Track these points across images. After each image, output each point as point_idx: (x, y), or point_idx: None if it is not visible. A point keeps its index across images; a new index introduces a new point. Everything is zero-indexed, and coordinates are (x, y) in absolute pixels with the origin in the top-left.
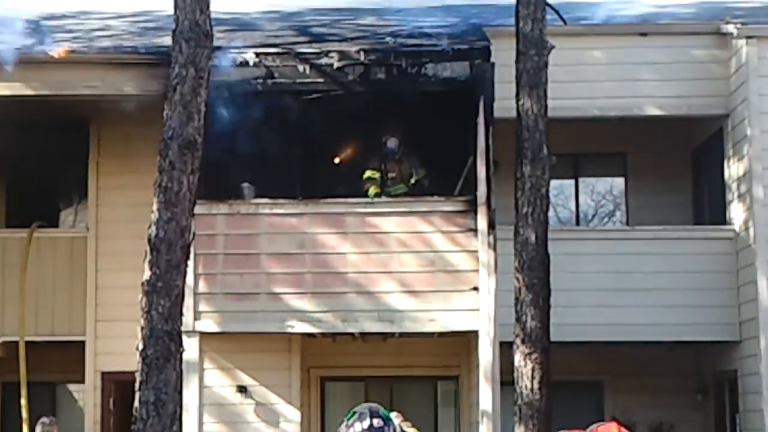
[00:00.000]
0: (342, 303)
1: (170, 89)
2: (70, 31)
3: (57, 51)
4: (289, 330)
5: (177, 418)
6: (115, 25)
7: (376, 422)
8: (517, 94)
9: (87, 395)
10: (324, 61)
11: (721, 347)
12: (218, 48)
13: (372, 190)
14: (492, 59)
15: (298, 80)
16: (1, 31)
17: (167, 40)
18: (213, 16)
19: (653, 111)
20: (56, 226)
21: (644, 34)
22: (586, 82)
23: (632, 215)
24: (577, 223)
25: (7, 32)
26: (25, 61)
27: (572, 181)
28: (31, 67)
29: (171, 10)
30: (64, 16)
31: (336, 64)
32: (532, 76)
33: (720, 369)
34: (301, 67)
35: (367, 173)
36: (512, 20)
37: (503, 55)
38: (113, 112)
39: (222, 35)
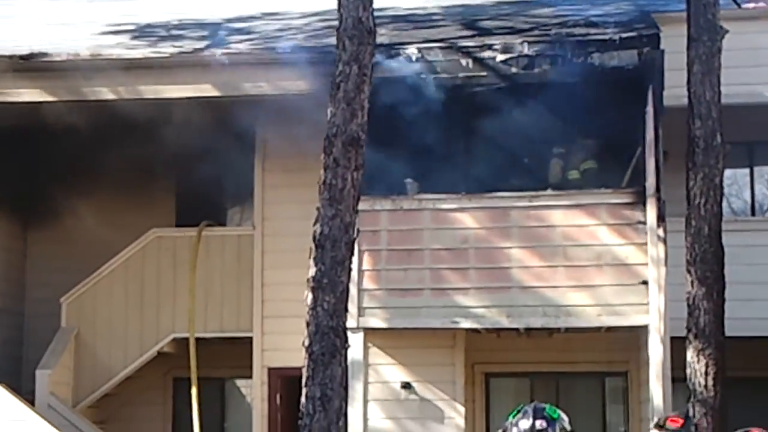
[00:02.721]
0: (506, 298)
1: (334, 87)
2: (249, 32)
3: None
4: (454, 326)
5: (343, 413)
6: (292, 26)
7: (539, 424)
8: (689, 82)
9: (254, 390)
10: (487, 54)
11: None
12: (381, 45)
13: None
14: (661, 46)
15: (461, 74)
16: (176, 34)
17: (333, 39)
18: (379, 12)
19: None
20: (224, 224)
21: None
22: (762, 66)
23: None
24: (753, 214)
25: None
26: (194, 63)
27: (747, 170)
28: (200, 69)
29: None
30: (241, 18)
31: (499, 57)
32: (705, 63)
33: None
34: (463, 61)
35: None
36: (682, 5)
37: (673, 42)
38: (278, 111)
39: (385, 31)
